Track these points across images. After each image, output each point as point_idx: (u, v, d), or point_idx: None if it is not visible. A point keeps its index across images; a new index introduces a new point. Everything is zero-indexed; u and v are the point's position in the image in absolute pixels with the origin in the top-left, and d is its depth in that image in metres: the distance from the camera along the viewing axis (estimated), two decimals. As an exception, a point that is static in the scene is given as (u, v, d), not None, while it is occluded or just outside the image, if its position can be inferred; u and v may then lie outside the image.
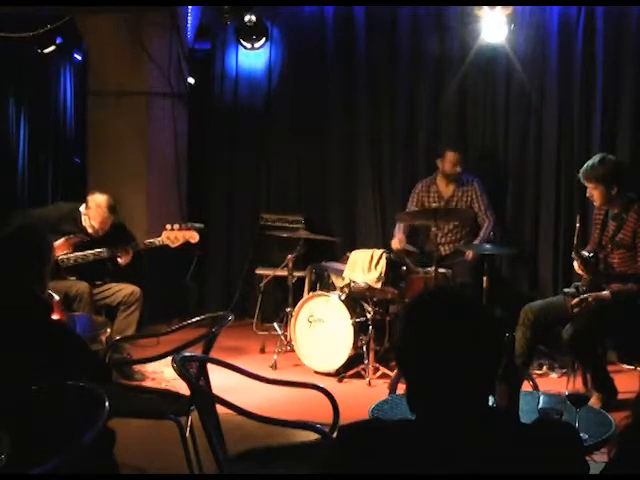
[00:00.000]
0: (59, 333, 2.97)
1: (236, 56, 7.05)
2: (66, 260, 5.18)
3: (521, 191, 6.35)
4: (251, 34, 6.72)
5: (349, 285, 5.50)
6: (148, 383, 5.16)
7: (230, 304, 6.84)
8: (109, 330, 5.12)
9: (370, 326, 5.35)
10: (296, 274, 6.10)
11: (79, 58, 8.04)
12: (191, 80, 7.15)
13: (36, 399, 2.47)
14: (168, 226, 5.35)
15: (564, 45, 6.06)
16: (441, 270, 5.42)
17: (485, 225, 5.99)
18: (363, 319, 5.47)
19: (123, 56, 6.74)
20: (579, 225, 4.69)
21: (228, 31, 6.97)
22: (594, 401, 4.24)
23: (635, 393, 4.11)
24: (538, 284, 6.29)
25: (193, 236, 5.36)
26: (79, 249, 5.26)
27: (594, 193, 4.68)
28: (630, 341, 4.67)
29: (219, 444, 2.90)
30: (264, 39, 6.76)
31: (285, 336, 5.95)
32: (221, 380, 3.52)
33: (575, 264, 4.77)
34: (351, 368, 5.44)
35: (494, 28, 5.95)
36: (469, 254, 5.87)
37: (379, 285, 5.43)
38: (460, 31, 6.29)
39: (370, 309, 5.42)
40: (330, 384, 4.95)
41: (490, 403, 1.76)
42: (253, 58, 7.01)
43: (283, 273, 6.23)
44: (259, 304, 6.65)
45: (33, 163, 8.54)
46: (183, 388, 3.15)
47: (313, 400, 3.55)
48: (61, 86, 8.47)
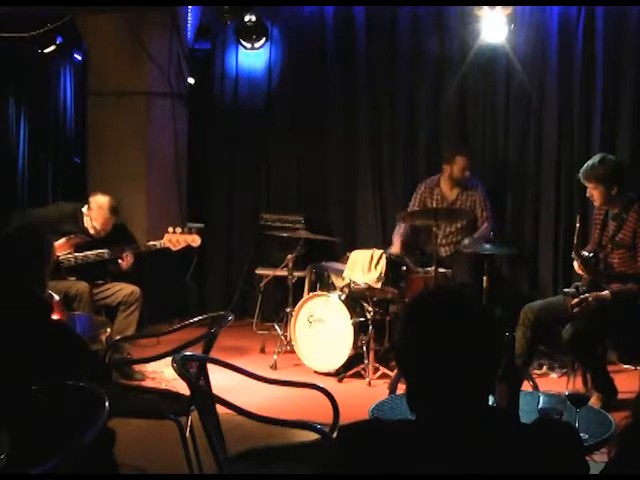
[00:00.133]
0: (59, 333, 2.97)
1: (236, 56, 7.05)
2: (67, 260, 5.18)
3: (521, 191, 6.35)
4: (251, 34, 6.72)
5: (349, 285, 5.50)
6: (148, 383, 5.16)
7: (230, 304, 6.84)
8: (109, 330, 5.11)
9: (370, 326, 5.35)
10: (296, 274, 6.10)
11: (79, 58, 8.04)
12: (191, 80, 7.15)
13: (36, 399, 2.47)
14: (170, 229, 5.32)
15: (564, 45, 6.06)
16: (441, 270, 5.42)
17: (483, 227, 5.95)
18: (363, 319, 5.47)
19: (123, 56, 6.74)
20: (579, 225, 4.69)
21: (228, 31, 6.97)
22: (594, 401, 4.24)
23: (635, 393, 4.11)
24: (538, 284, 6.29)
25: (195, 240, 5.34)
26: (80, 250, 5.25)
27: (594, 193, 4.68)
28: (630, 341, 4.67)
29: (219, 444, 2.90)
30: (264, 39, 6.77)
31: (285, 336, 5.95)
32: (221, 380, 3.52)
33: (575, 264, 4.78)
34: (351, 368, 5.44)
35: (494, 28, 5.96)
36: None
37: (379, 285, 5.43)
38: (460, 31, 6.29)
39: (370, 309, 5.41)
40: (330, 384, 4.95)
41: (490, 403, 1.76)
42: (253, 58, 7.01)
43: (283, 273, 6.23)
44: (259, 304, 6.65)
45: (33, 163, 8.54)
46: (183, 388, 3.15)
47: (313, 400, 3.55)
48: (61, 86, 8.47)
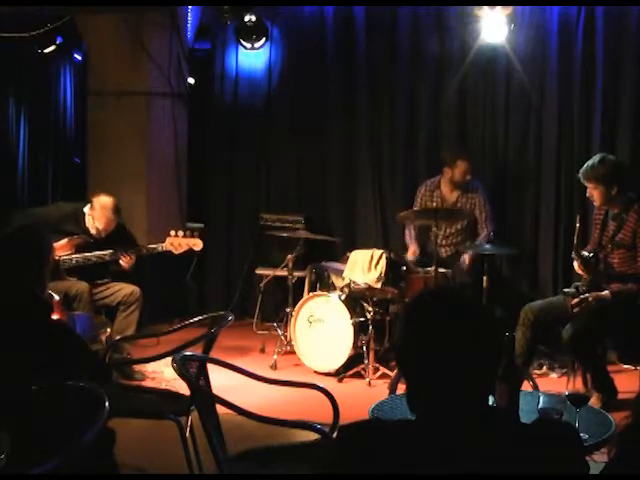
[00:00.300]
0: (59, 333, 2.97)
1: (236, 56, 7.05)
2: (68, 261, 5.17)
3: (521, 191, 6.36)
4: (251, 34, 6.72)
5: (349, 285, 5.50)
6: (148, 383, 5.16)
7: (230, 304, 6.84)
8: (109, 330, 5.13)
9: (370, 326, 5.35)
10: (296, 274, 6.10)
11: (79, 58, 8.04)
12: (191, 80, 7.15)
13: (36, 399, 2.47)
14: (172, 232, 5.30)
15: (564, 45, 6.06)
16: (441, 270, 5.42)
17: (483, 234, 5.94)
18: (363, 319, 5.47)
19: (123, 56, 6.74)
20: (579, 225, 4.69)
21: (228, 31, 6.97)
22: (594, 401, 4.24)
23: (635, 393, 4.11)
24: (538, 284, 6.29)
25: (197, 244, 5.34)
26: (81, 250, 5.25)
27: (594, 193, 4.68)
28: (630, 341, 4.67)
29: (219, 444, 2.90)
30: (264, 39, 6.77)
31: (285, 336, 5.95)
32: (221, 380, 3.52)
33: (575, 264, 4.78)
34: (351, 368, 5.44)
35: (494, 28, 5.96)
36: (465, 259, 5.84)
37: (379, 285, 5.44)
38: (460, 31, 6.29)
39: (370, 309, 5.41)
40: (330, 384, 4.95)
41: (490, 403, 1.76)
42: (253, 58, 7.01)
43: (283, 273, 6.23)
44: (259, 304, 6.65)
45: (33, 163, 8.54)
46: (183, 388, 3.15)
47: (313, 400, 3.55)
48: (61, 86, 8.47)
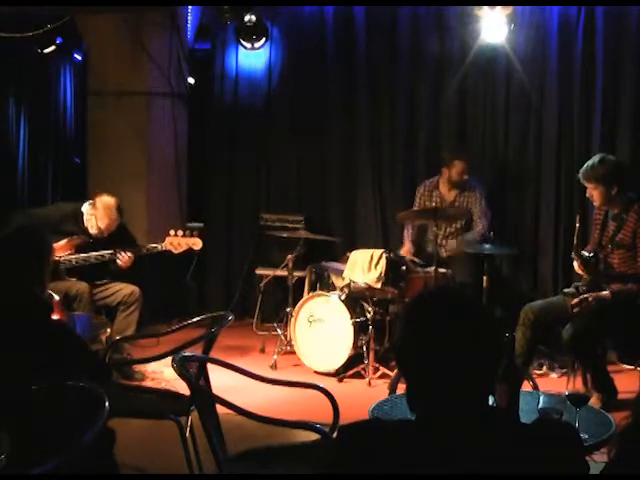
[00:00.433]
0: (59, 333, 2.97)
1: (236, 56, 7.05)
2: (67, 261, 5.17)
3: (521, 191, 6.36)
4: (251, 34, 6.72)
5: (349, 285, 5.50)
6: (148, 383, 5.16)
7: (230, 304, 6.84)
8: (109, 330, 5.13)
9: (370, 326, 5.35)
10: (296, 274, 6.10)
11: (79, 58, 8.03)
12: (191, 80, 7.16)
13: (36, 399, 2.47)
14: (172, 232, 5.30)
15: (564, 45, 6.06)
16: (441, 270, 5.43)
17: (476, 229, 5.95)
18: (363, 319, 5.47)
19: (123, 56, 6.74)
20: (579, 225, 4.69)
21: (228, 31, 6.96)
22: (594, 401, 4.24)
23: (635, 393, 4.11)
24: (538, 284, 6.29)
25: (196, 243, 5.34)
26: (81, 250, 5.24)
27: (594, 193, 4.68)
28: (630, 341, 4.68)
29: (219, 444, 2.90)
30: (264, 39, 6.76)
31: (285, 336, 5.95)
32: (221, 380, 3.52)
33: (575, 264, 4.78)
34: (351, 368, 5.43)
35: (494, 28, 5.96)
36: (454, 243, 5.87)
37: (379, 285, 5.43)
38: (460, 31, 6.29)
39: (370, 309, 5.41)
40: (330, 384, 4.95)
41: (490, 403, 1.76)
42: (253, 58, 7.01)
43: (283, 273, 6.23)
44: (259, 304, 6.65)
45: (33, 163, 8.53)
46: (183, 388, 3.15)
47: (313, 400, 3.55)
48: (61, 86, 8.47)
